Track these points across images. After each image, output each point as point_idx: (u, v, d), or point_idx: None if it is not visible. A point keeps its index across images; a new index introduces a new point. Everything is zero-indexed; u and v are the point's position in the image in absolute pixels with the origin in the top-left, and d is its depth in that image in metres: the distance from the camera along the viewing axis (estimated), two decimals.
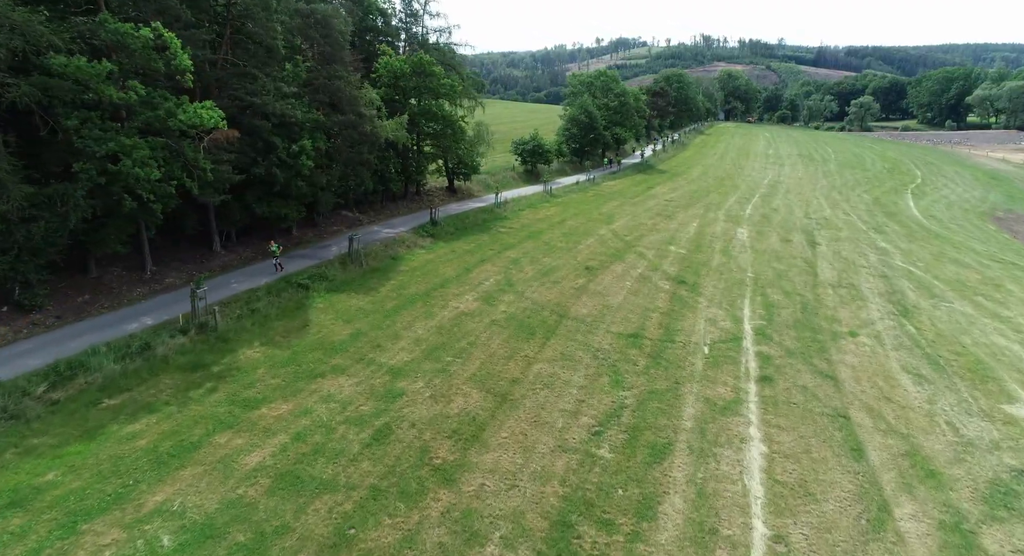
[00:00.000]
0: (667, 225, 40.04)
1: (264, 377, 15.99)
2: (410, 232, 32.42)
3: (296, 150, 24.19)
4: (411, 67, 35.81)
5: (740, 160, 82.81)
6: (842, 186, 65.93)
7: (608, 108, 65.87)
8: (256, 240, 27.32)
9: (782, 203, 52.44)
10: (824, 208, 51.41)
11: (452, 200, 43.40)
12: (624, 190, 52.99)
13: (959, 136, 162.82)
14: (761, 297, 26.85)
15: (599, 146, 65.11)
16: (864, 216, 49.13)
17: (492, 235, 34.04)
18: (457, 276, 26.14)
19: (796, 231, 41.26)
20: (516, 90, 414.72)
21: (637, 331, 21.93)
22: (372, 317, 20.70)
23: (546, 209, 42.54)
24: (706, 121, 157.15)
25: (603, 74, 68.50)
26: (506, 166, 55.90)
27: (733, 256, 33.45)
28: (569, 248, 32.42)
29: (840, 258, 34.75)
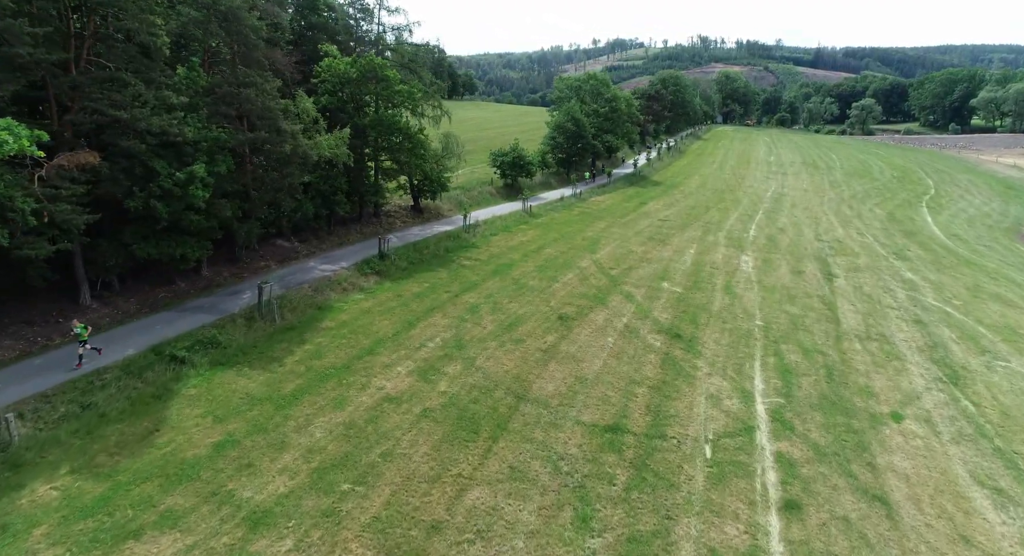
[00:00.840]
0: (660, 252, 34.76)
1: (40, 542, 10.58)
2: (352, 268, 27.04)
3: (182, 177, 18.84)
4: (359, 71, 30.46)
5: (740, 169, 77.65)
6: (851, 199, 60.82)
7: (598, 114, 60.63)
8: (147, 286, 21.94)
9: (789, 221, 47.23)
10: (835, 227, 46.23)
11: (416, 222, 38.06)
12: (613, 207, 47.70)
13: (964, 140, 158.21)
14: (775, 357, 21.60)
15: (588, 156, 59.86)
16: (881, 236, 43.98)
17: (452, 270, 28.69)
18: (395, 334, 20.80)
19: (808, 258, 36.04)
20: (512, 91, 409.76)
21: (617, 420, 16.64)
22: (259, 410, 15.36)
23: (522, 233, 37.21)
24: (704, 125, 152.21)
25: (593, 77, 63.31)
26: (485, 180, 50.58)
27: (737, 295, 28.19)
28: (542, 288, 27.10)
29: (862, 295, 29.53)
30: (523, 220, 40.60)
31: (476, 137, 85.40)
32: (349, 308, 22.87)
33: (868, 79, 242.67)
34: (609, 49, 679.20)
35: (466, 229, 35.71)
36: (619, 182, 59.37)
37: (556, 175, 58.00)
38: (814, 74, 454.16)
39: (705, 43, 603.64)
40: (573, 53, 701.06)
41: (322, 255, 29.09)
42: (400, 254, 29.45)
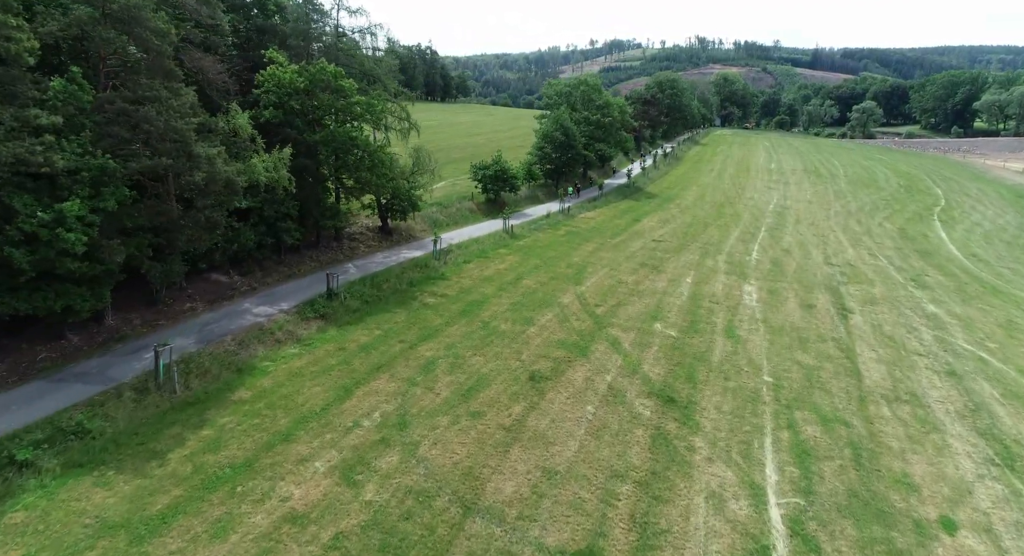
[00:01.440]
0: (653, 283, 30.93)
1: None
2: (294, 311, 23.18)
3: (47, 218, 14.98)
4: (308, 80, 26.57)
5: (740, 177, 73.92)
6: (859, 212, 57.12)
7: (589, 122, 56.83)
8: (25, 344, 18.04)
9: (794, 240, 43.47)
10: (845, 247, 42.48)
11: (382, 246, 34.19)
12: (604, 225, 43.87)
13: (967, 143, 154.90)
14: (789, 431, 17.81)
15: (578, 166, 56.05)
16: (895, 258, 40.25)
17: (412, 311, 24.83)
18: (323, 408, 16.94)
19: (818, 287, 32.26)
20: (508, 93, 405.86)
21: (591, 541, 12.83)
22: (105, 546, 11.47)
23: (500, 259, 33.35)
24: (702, 128, 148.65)
25: (583, 82, 59.50)
26: (466, 194, 46.71)
27: (741, 340, 24.40)
28: (515, 333, 23.26)
29: (883, 337, 25.76)
30: (503, 242, 36.74)
31: (464, 144, 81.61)
32: (276, 369, 18.98)
33: (868, 81, 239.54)
34: (607, 50, 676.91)
35: (436, 255, 31.84)
36: (611, 195, 55.56)
37: (544, 188, 54.17)
38: (812, 75, 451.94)
39: (703, 44, 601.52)
40: (570, 54, 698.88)
41: (263, 292, 25.19)
42: (354, 291, 25.56)
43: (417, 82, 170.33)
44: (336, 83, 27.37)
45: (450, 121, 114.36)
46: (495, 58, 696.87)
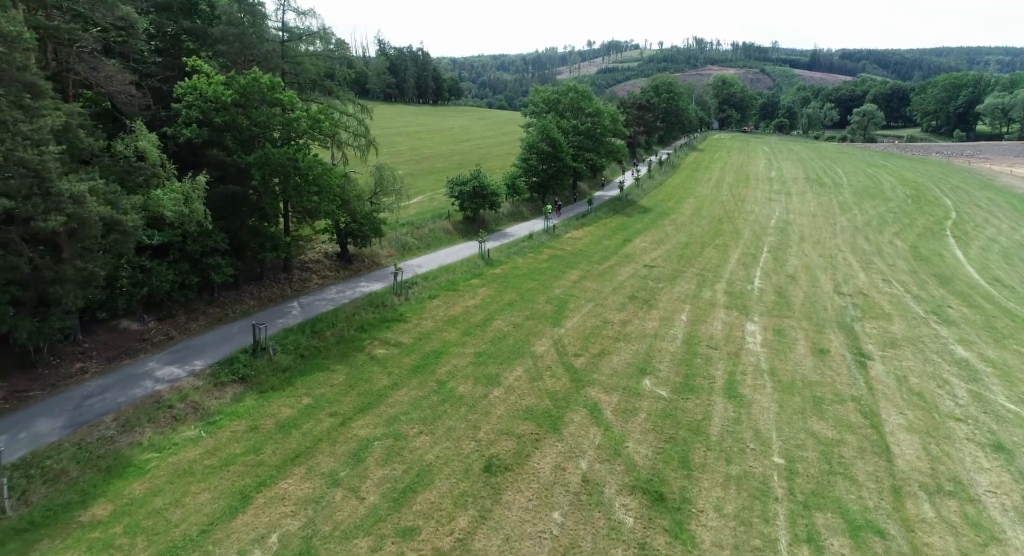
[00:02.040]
0: (643, 323, 27.08)
1: None
2: (208, 373, 19.27)
3: None
4: (238, 93, 22.67)
5: (739, 188, 70.16)
6: (866, 227, 53.40)
7: (578, 132, 53.00)
8: None
9: (799, 263, 39.69)
10: (855, 271, 38.72)
11: (339, 277, 30.29)
12: (591, 247, 40.00)
13: (971, 148, 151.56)
14: (809, 546, 13.99)
15: (567, 179, 52.22)
16: (911, 284, 36.51)
17: (356, 368, 20.94)
18: (204, 530, 13.02)
19: (830, 325, 28.47)
20: (504, 94, 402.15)
21: None
22: None
23: (470, 293, 29.46)
24: (699, 132, 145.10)
25: (572, 89, 55.64)
26: (442, 212, 42.83)
27: (744, 401, 20.58)
28: (475, 399, 19.41)
29: (911, 394, 21.99)
30: (477, 270, 32.85)
31: (449, 151, 77.74)
32: (160, 464, 15.07)
33: (868, 83, 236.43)
34: (604, 51, 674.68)
35: (397, 290, 27.93)
36: (602, 209, 51.68)
37: (530, 202, 50.31)
38: (811, 76, 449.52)
39: (700, 45, 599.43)
40: (568, 55, 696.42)
41: (180, 344, 21.27)
42: (289, 342, 21.66)
43: (408, 85, 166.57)
44: (272, 96, 23.48)
45: (439, 126, 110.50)
46: (492, 59, 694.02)
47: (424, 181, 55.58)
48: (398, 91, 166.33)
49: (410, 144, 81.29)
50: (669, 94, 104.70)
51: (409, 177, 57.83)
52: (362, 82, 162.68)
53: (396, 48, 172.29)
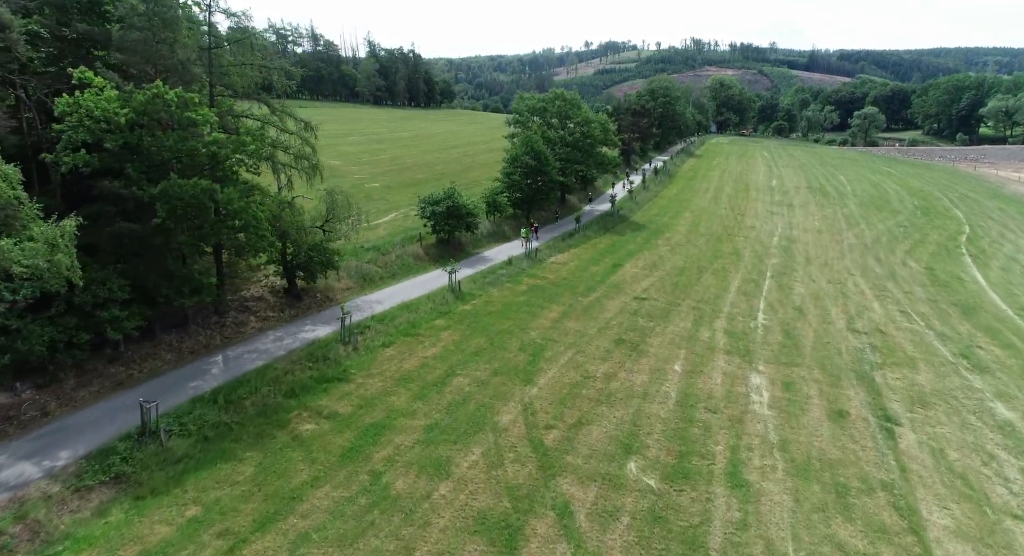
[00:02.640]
0: (630, 377, 23.22)
1: None
2: (72, 472, 15.31)
3: None
4: (135, 111, 18.71)
5: (739, 199, 66.34)
6: (875, 244, 49.62)
7: (566, 143, 49.13)
8: None
9: (806, 290, 35.88)
10: (869, 300, 34.93)
11: (283, 318, 26.38)
12: (576, 274, 36.10)
13: (974, 152, 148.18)
14: None
15: (553, 194, 48.33)
16: (932, 317, 32.72)
17: (271, 455, 17.01)
18: None
19: (846, 375, 24.65)
20: (500, 96, 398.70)
21: None
22: None
23: (432, 338, 25.54)
24: (697, 136, 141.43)
25: (559, 97, 51.73)
26: (415, 232, 38.93)
27: (752, 493, 16.72)
28: (414, 501, 15.48)
29: (953, 477, 18.15)
30: (444, 307, 28.94)
31: (433, 160, 73.82)
32: None
33: (867, 84, 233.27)
34: (601, 51, 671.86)
35: (344, 338, 23.99)
36: (591, 227, 47.75)
37: (514, 219, 46.41)
38: (809, 77, 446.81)
39: (698, 46, 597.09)
40: (565, 55, 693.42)
41: (53, 423, 17.29)
42: (193, 417, 17.71)
43: (398, 87, 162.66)
44: (183, 114, 19.53)
45: (426, 131, 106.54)
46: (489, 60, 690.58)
47: (401, 195, 51.72)
48: (388, 94, 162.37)
49: (393, 152, 77.40)
50: (665, 98, 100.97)
51: (385, 191, 54.01)
52: (351, 85, 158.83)
53: (387, 50, 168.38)
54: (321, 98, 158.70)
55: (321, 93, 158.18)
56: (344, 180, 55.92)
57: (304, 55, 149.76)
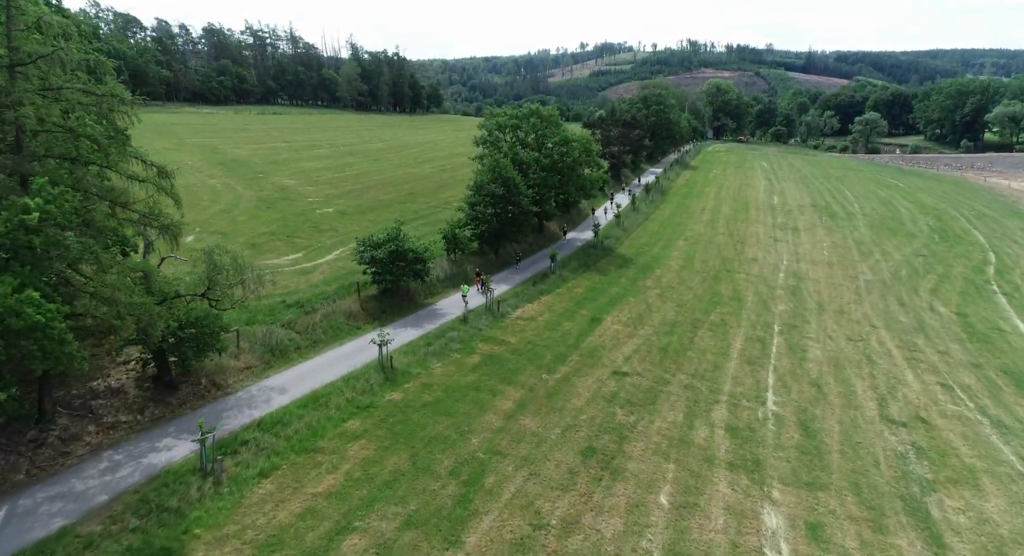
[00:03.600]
0: (598, 522, 16.84)
1: None
2: None
3: None
4: None
5: (738, 223, 60.11)
6: (895, 280, 43.46)
7: (542, 166, 42.82)
8: None
9: (824, 355, 29.60)
10: (900, 367, 28.71)
11: (139, 423, 19.87)
12: (544, 336, 29.68)
13: (981, 160, 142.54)
14: None
15: (527, 224, 41.95)
16: (980, 392, 26.52)
17: None
18: None
19: (891, 504, 18.38)
20: (494, 98, 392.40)
21: None
22: None
23: (335, 456, 19.08)
24: (692, 144, 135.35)
25: (534, 113, 45.34)
26: (354, 279, 32.47)
27: None
28: None
29: None
30: (365, 397, 22.49)
31: (407, 176, 67.28)
32: None
33: (867, 88, 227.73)
34: (597, 53, 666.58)
35: (206, 466, 17.49)
36: (570, 264, 41.33)
37: (479, 256, 40.03)
38: (806, 80, 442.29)
39: (694, 47, 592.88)
40: (560, 57, 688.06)
41: None
42: None
43: (382, 92, 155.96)
44: None
45: (405, 140, 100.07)
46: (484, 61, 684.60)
47: (356, 224, 45.28)
48: (371, 99, 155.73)
49: (362, 167, 70.94)
50: (659, 106, 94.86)
51: (338, 218, 47.47)
52: (332, 90, 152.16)
53: (370, 53, 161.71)
54: (301, 103, 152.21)
55: (301, 98, 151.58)
56: (293, 204, 49.49)
57: (282, 58, 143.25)
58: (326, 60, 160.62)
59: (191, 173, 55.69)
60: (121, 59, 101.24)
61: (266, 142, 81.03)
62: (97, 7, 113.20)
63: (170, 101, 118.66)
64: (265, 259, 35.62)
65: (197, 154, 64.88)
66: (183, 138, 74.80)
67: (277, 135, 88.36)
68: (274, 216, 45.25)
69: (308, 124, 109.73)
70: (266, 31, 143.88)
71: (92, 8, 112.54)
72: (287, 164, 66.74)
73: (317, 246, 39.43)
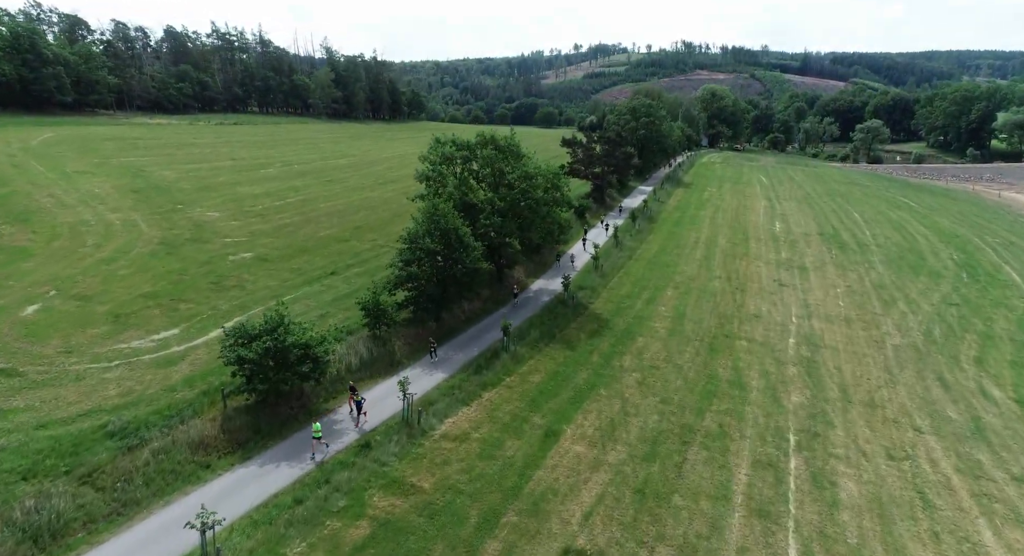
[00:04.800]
0: None
1: None
2: None
3: None
4: None
5: (737, 260, 52.03)
6: (928, 345, 35.58)
7: (497, 210, 34.53)
8: None
9: (860, 494, 21.49)
10: (969, 515, 20.64)
11: None
12: (471, 474, 21.32)
13: (990, 170, 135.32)
14: None
15: (478, 280, 33.67)
16: None
17: None
18: None
19: None
20: (485, 101, 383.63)
21: None
22: None
23: None
24: (685, 155, 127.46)
25: (490, 141, 37.12)
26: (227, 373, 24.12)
27: None
28: None
29: None
30: None
31: (359, 203, 58.74)
32: None
33: (866, 93, 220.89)
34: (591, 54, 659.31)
35: None
36: (529, 335, 32.92)
37: (411, 326, 31.75)
38: (802, 82, 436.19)
39: (689, 49, 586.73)
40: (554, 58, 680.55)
41: None
42: None
43: (358, 99, 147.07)
44: None
45: (371, 156, 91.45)
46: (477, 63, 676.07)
47: (272, 278, 37.00)
48: (346, 106, 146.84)
49: (311, 191, 62.53)
50: (649, 118, 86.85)
51: (255, 268, 38.84)
52: (304, 96, 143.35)
53: (347, 56, 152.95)
54: (272, 111, 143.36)
55: (272, 105, 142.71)
56: (202, 249, 40.99)
57: (250, 63, 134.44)
58: (301, 65, 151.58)
59: (90, 205, 47.17)
60: (61, 65, 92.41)
61: (209, 160, 72.39)
62: (38, 8, 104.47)
63: (122, 110, 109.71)
64: (122, 341, 27.25)
65: (113, 178, 56.24)
66: (108, 157, 66.08)
67: (225, 151, 79.68)
68: (170, 267, 36.87)
69: (270, 136, 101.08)
70: (234, 34, 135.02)
71: (33, 9, 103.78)
72: (221, 189, 58.23)
73: (207, 314, 31.09)
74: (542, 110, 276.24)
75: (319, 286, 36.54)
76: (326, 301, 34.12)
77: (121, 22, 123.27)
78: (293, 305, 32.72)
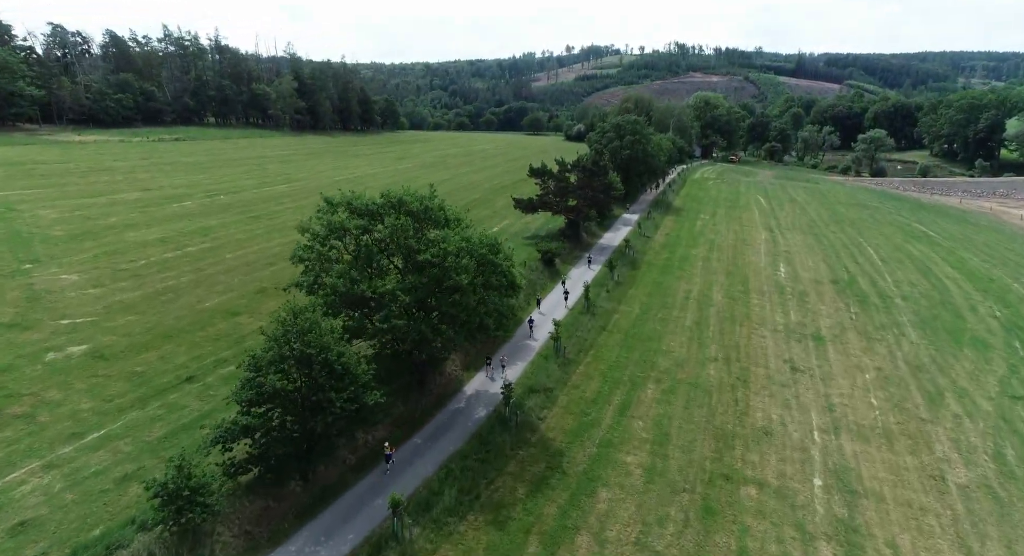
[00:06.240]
0: None
1: None
2: None
3: None
4: None
5: (737, 326, 41.90)
6: (1006, 481, 25.60)
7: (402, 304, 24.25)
8: None
9: None
10: None
11: None
12: None
13: (1004, 185, 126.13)
14: None
15: (367, 420, 23.21)
16: None
17: None
18: None
19: None
20: (474, 104, 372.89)
21: None
22: None
23: None
24: (676, 171, 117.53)
25: (399, 201, 26.67)
26: None
27: None
28: None
29: None
30: None
31: (279, 250, 47.90)
32: None
33: (865, 99, 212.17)
34: (583, 56, 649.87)
35: None
36: (441, 499, 22.54)
37: (261, 497, 21.39)
38: (797, 84, 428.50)
39: (682, 50, 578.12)
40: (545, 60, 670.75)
41: None
42: None
43: (324, 109, 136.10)
44: None
45: (322, 180, 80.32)
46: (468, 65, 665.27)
47: (92, 398, 26.28)
48: (312, 117, 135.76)
49: (224, 233, 51.82)
50: (635, 135, 76.84)
51: (77, 374, 27.70)
52: (264, 107, 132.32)
53: (314, 62, 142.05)
54: (232, 122, 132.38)
55: (231, 116, 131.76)
56: (14, 340, 29.99)
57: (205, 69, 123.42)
58: (265, 72, 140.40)
59: None
60: None
61: (113, 192, 61.48)
62: None
63: (49, 123, 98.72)
64: None
65: None
66: None
67: (143, 178, 68.82)
68: None
69: (210, 155, 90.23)
70: (188, 38, 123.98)
71: None
72: (104, 236, 47.48)
73: None
74: (530, 115, 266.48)
75: (157, 406, 26.04)
76: (149, 443, 23.65)
77: (59, 26, 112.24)
78: (88, 455, 22.32)
